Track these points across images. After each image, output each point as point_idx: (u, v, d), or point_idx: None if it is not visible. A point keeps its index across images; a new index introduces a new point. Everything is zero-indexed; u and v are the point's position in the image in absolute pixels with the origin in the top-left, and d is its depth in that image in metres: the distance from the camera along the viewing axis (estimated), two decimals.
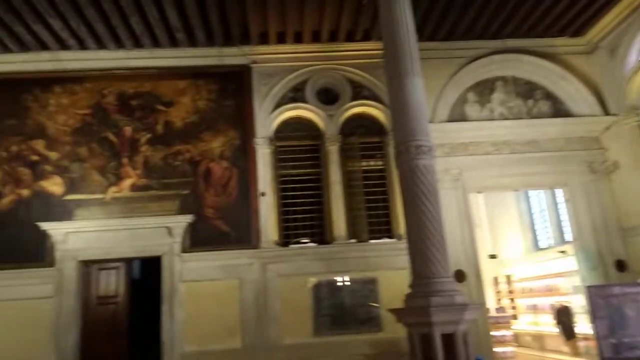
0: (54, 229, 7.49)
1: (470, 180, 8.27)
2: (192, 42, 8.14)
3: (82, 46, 8.00)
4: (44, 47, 7.93)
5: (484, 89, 8.72)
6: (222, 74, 8.36)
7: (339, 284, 7.67)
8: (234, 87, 8.32)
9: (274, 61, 8.42)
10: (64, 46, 7.95)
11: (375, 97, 8.51)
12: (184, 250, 7.61)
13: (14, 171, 7.75)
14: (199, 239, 7.67)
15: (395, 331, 6.97)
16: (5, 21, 7.18)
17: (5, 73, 8.02)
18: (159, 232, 7.66)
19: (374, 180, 8.35)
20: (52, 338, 7.19)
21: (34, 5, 6.88)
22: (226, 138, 8.12)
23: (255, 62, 8.39)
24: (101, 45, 8.01)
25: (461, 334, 4.94)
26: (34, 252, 7.44)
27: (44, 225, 7.47)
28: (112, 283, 7.79)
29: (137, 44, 8.06)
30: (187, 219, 7.67)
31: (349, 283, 7.69)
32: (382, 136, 8.48)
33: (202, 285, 7.52)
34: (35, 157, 7.81)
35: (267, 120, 8.25)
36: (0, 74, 8.01)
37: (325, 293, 7.62)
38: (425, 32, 8.14)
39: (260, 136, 8.13)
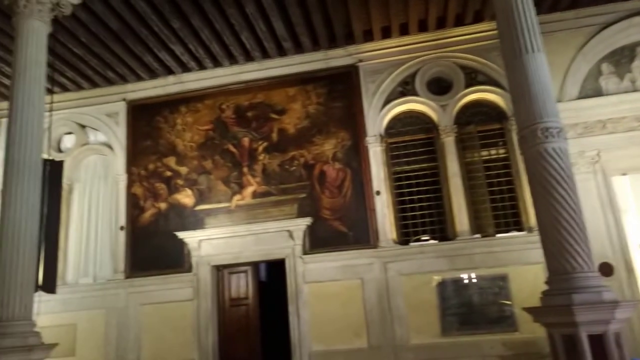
0: (189, 237, 8.14)
1: (612, 161, 7.33)
2: (299, 49, 8.33)
3: (201, 66, 8.61)
4: (169, 71, 8.69)
5: (621, 57, 7.68)
6: (329, 77, 8.44)
7: (465, 281, 7.27)
8: (341, 88, 8.35)
9: (380, 57, 8.29)
10: (185, 69, 8.63)
11: (492, 82, 7.95)
12: (305, 252, 7.80)
13: (153, 187, 8.58)
14: (319, 240, 7.79)
15: (532, 331, 6.44)
16: (136, 53, 7.99)
17: (141, 99, 8.93)
18: (281, 235, 7.94)
19: (496, 170, 7.80)
20: (194, 337, 7.80)
21: (158, 35, 7.55)
22: (337, 139, 8.17)
23: (361, 60, 8.34)
24: (217, 63, 8.55)
25: (613, 335, 4.34)
26: (175, 259, 8.15)
27: (181, 234, 8.15)
28: (242, 286, 8.24)
29: (249, 58, 8.48)
30: (306, 221, 7.84)
31: (476, 280, 7.24)
32: (503, 122, 7.89)
33: (325, 285, 7.63)
34: (168, 173, 8.57)
35: (378, 118, 8.14)
36: (136, 101, 8.93)
37: (451, 291, 7.27)
38: (545, 3, 7.42)
39: (372, 134, 8.05)
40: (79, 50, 7.74)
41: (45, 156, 6.03)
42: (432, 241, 7.59)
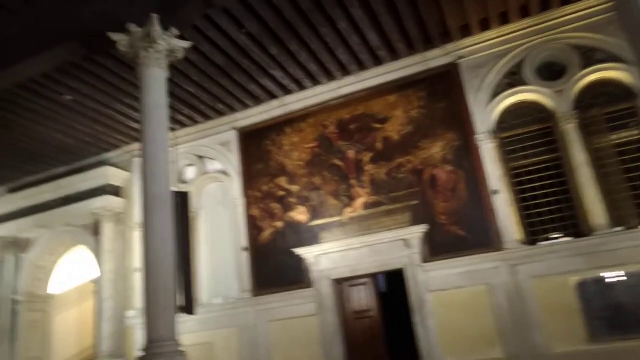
0: (306, 253, 8.35)
1: None
2: (394, 56, 8.26)
3: (301, 87, 8.89)
4: (272, 96, 9.08)
5: None
6: (428, 79, 8.24)
7: (610, 280, 6.54)
8: (443, 88, 8.09)
9: (481, 51, 7.92)
10: (287, 91, 8.97)
11: (613, 58, 7.20)
12: (425, 260, 7.59)
13: (268, 207, 8.96)
14: (437, 247, 7.55)
15: None
16: (241, 83, 8.48)
17: (249, 126, 9.42)
18: (396, 245, 7.82)
19: (631, 154, 7.00)
20: (321, 351, 7.92)
21: (259, 64, 7.95)
22: (445, 141, 7.90)
23: (461, 57, 8.03)
24: (316, 82, 8.77)
25: None
26: (295, 275, 8.40)
27: (298, 251, 8.39)
28: (363, 298, 8.23)
29: (346, 72, 8.58)
30: (421, 229, 7.64)
31: (624, 278, 6.48)
32: (632, 101, 7.08)
33: (449, 294, 7.35)
34: (281, 193, 8.90)
35: (485, 114, 7.75)
36: (245, 128, 9.45)
37: (593, 292, 6.58)
38: None
39: (481, 132, 7.67)
40: (192, 88, 8.40)
41: (173, 189, 6.58)
42: (564, 239, 6.98)
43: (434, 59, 8.19)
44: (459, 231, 7.47)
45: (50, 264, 11.13)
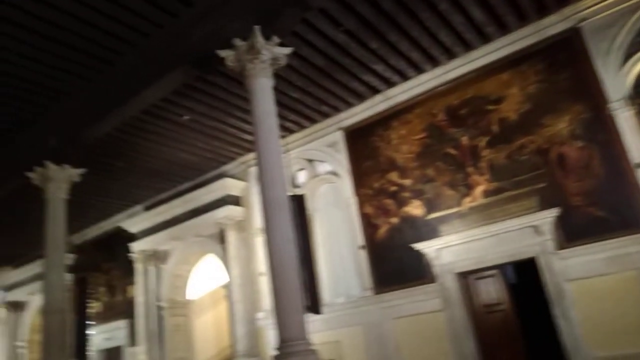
0: (426, 247, 8.08)
1: None
2: (503, 31, 7.67)
3: (404, 77, 8.63)
4: (375, 91, 8.95)
5: None
6: (545, 49, 7.52)
7: None
8: (564, 57, 7.33)
9: (606, 9, 7.04)
10: (390, 84, 8.77)
11: None
12: (560, 247, 6.93)
13: (381, 204, 8.83)
14: (573, 231, 6.85)
15: None
16: (343, 82, 8.46)
17: (354, 124, 9.39)
18: (524, 232, 7.26)
19: None
20: (451, 347, 7.61)
21: (359, 60, 7.86)
22: (571, 115, 7.16)
23: (583, 19, 7.21)
24: (419, 70, 8.46)
25: None
26: (416, 271, 8.16)
27: (417, 246, 8.15)
28: (492, 291, 7.75)
29: (451, 56, 8.16)
30: (552, 213, 6.99)
31: None
32: None
33: (592, 282, 6.63)
34: (393, 188, 8.72)
35: (618, 79, 6.88)
36: (351, 127, 9.43)
37: None
38: None
39: (615, 99, 6.82)
40: (296, 94, 8.57)
41: (289, 193, 6.74)
42: None
43: (550, 26, 7.45)
44: (598, 212, 6.71)
45: (185, 273, 12.10)
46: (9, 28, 6.24)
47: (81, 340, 10.05)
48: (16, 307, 15.37)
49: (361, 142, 9.27)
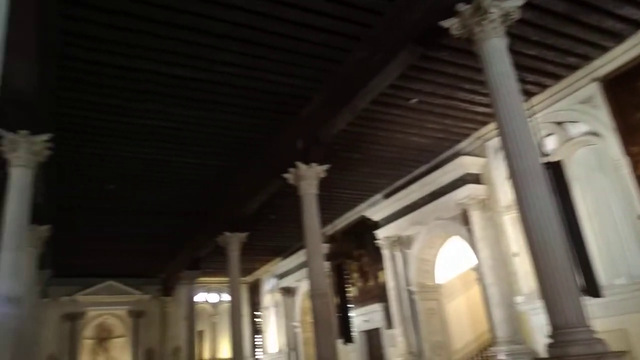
0: None
1: None
2: None
3: None
4: (638, 25, 7.24)
5: None
6: None
7: None
8: None
9: None
10: None
11: None
12: None
13: None
14: None
15: None
16: (593, 24, 7.10)
17: (613, 71, 7.75)
18: None
19: None
20: None
21: None
22: None
23: None
24: None
25: None
26: None
27: None
28: None
29: None
30: None
31: None
32: None
33: None
34: None
35: None
36: (608, 75, 7.79)
37: None
38: None
39: None
40: (534, 50, 7.56)
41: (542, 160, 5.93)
42: None
43: None
44: None
45: (431, 257, 12.06)
46: (253, 49, 7.09)
47: (345, 322, 10.91)
48: (288, 292, 17.83)
49: (626, 90, 7.60)
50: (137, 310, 18.84)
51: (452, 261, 12.37)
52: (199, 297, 19.74)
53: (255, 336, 16.95)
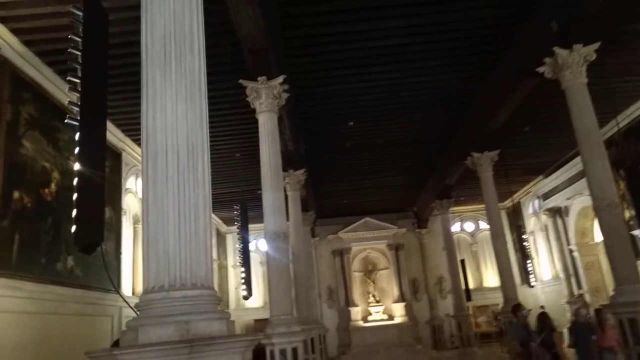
0: None
1: None
2: None
3: None
4: None
5: None
6: None
7: None
8: None
9: None
10: None
11: None
12: None
13: None
14: None
15: None
16: None
17: None
18: None
19: None
20: None
21: None
22: None
23: None
24: None
25: None
26: None
27: None
28: None
29: None
30: None
31: None
32: None
33: None
34: None
35: None
36: None
37: None
38: None
39: None
40: None
41: None
42: None
43: None
44: None
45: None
46: None
47: None
48: (556, 212, 15.55)
49: None
50: (396, 243, 19.27)
51: None
52: (455, 227, 19.08)
53: (527, 262, 15.52)
